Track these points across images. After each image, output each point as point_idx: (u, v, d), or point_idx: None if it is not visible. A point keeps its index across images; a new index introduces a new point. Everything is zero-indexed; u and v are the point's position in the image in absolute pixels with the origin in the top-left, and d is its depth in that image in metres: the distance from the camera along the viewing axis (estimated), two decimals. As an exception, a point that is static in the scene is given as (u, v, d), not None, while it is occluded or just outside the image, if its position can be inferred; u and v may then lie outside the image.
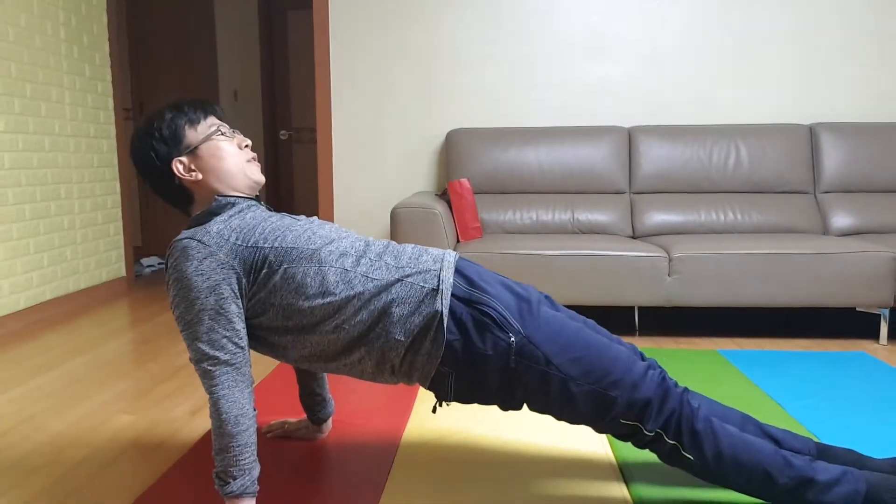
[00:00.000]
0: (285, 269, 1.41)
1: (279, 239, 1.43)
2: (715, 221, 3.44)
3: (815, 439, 1.83)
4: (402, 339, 1.40)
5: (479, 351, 1.38)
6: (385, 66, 3.89)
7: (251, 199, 1.56)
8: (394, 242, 1.54)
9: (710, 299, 2.95)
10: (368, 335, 1.41)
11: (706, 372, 2.47)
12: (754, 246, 2.93)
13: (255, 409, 1.41)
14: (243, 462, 1.37)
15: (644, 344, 2.94)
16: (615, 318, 3.36)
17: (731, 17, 3.70)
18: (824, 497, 1.34)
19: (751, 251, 2.91)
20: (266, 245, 1.42)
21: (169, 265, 1.41)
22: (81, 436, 1.98)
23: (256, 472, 1.40)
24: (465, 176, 3.60)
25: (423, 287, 1.41)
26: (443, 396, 1.46)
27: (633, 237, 3.48)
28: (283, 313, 1.42)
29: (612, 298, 2.98)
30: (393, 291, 1.41)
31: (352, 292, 1.40)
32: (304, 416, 1.94)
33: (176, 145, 1.50)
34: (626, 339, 2.98)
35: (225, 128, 1.55)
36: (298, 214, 1.61)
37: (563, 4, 3.77)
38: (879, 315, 2.96)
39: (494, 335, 1.38)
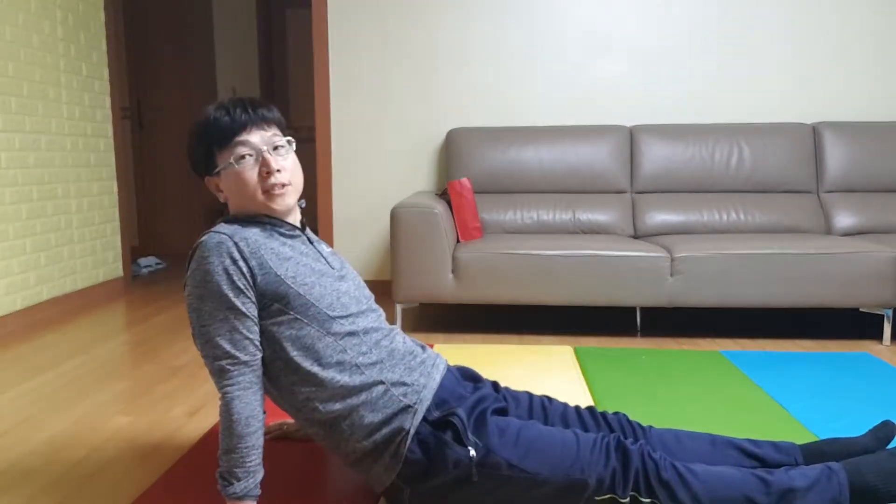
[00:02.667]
0: (296, 318, 1.40)
1: (306, 287, 1.41)
2: (717, 221, 3.42)
3: (816, 438, 1.82)
4: (364, 444, 1.41)
5: (440, 469, 1.37)
6: (384, 65, 3.87)
7: (295, 227, 1.52)
8: (399, 335, 1.55)
9: (712, 300, 2.93)
10: (332, 427, 1.42)
11: (708, 373, 2.46)
12: (757, 246, 2.92)
13: (264, 412, 1.41)
14: (249, 464, 1.36)
15: (646, 345, 2.92)
16: (617, 319, 3.34)
17: (733, 15, 3.69)
18: (811, 500, 1.33)
19: (753, 251, 2.89)
20: (292, 286, 1.40)
21: (197, 255, 1.39)
22: (79, 437, 1.96)
23: (260, 475, 1.39)
24: (466, 175, 3.58)
25: (400, 401, 1.41)
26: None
27: (635, 237, 3.47)
28: (271, 351, 1.42)
29: (614, 299, 2.96)
30: (373, 392, 1.41)
31: (337, 377, 1.40)
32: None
33: (206, 164, 1.49)
34: (627, 340, 2.99)
35: (255, 151, 1.44)
36: (322, 241, 1.59)
37: (563, 3, 3.75)
38: (883, 315, 2.95)
39: (455, 451, 1.36)
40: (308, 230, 1.58)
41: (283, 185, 1.46)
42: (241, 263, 1.37)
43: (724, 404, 2.14)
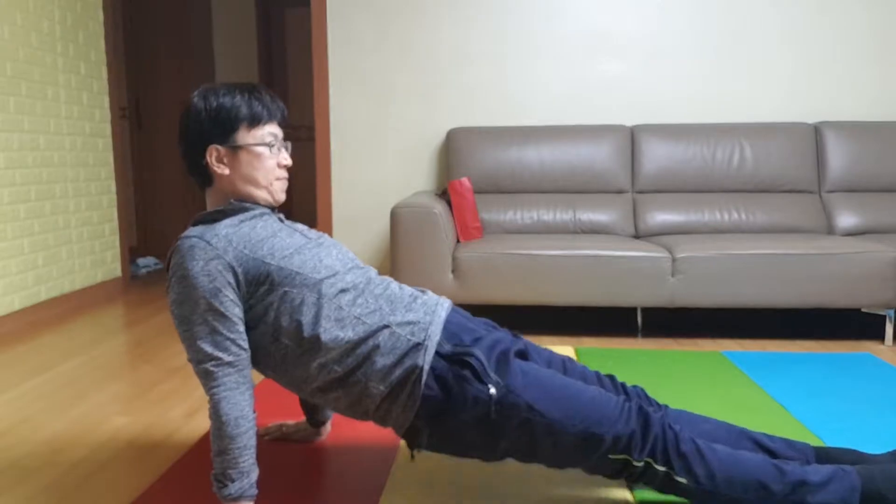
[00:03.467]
0: (285, 291, 1.40)
1: (286, 259, 1.42)
2: (718, 221, 3.41)
3: (821, 442, 1.81)
4: (381, 388, 1.40)
5: (459, 406, 1.37)
6: (384, 65, 3.86)
7: (265, 208, 1.54)
8: (394, 283, 1.54)
9: (713, 300, 2.92)
10: (348, 380, 1.41)
11: (709, 374, 2.45)
12: (758, 246, 2.91)
13: (254, 412, 1.40)
14: (242, 464, 1.36)
15: (647, 345, 2.91)
16: (618, 319, 3.33)
17: (735, 14, 3.68)
18: (821, 497, 1.33)
19: (755, 251, 2.89)
20: (272, 262, 1.40)
21: (173, 262, 1.40)
22: (77, 437, 1.95)
23: (255, 475, 1.38)
24: (466, 175, 3.57)
25: (409, 340, 1.40)
26: (415, 446, 1.45)
27: (636, 237, 3.46)
28: (272, 333, 1.42)
29: (615, 299, 2.95)
30: (379, 338, 1.40)
31: (341, 334, 1.39)
32: (303, 418, 1.92)
33: (223, 133, 1.48)
34: (628, 341, 2.98)
35: (277, 140, 1.52)
36: (297, 223, 1.59)
37: (564, 2, 3.74)
38: (885, 316, 2.94)
39: (474, 388, 1.36)
40: (278, 213, 1.60)
41: (286, 179, 1.57)
42: (216, 262, 1.37)
43: (726, 405, 2.13)
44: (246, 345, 1.40)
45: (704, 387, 2.30)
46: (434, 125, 3.88)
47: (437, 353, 1.40)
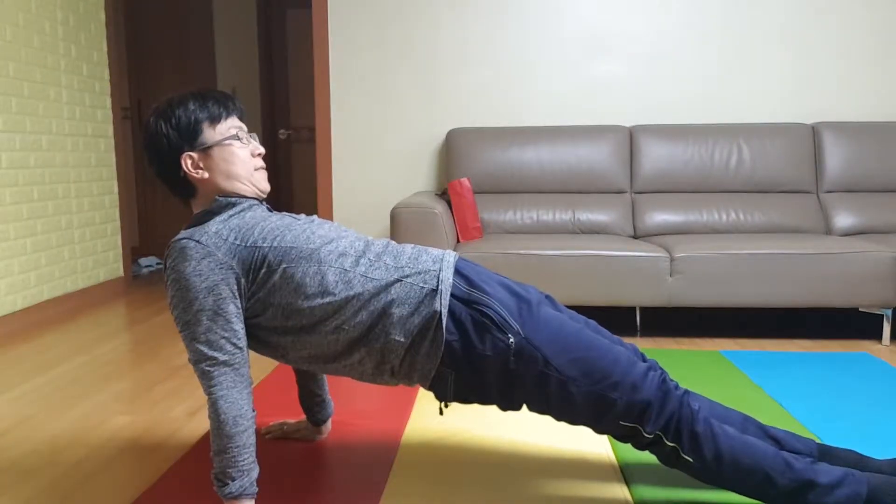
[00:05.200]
0: (284, 268, 1.40)
1: (278, 238, 1.42)
2: (717, 221, 3.43)
3: (818, 440, 1.82)
4: (402, 339, 1.39)
5: (478, 351, 1.38)
6: (385, 66, 3.88)
7: (252, 199, 1.54)
8: (393, 242, 1.54)
9: (711, 299, 2.93)
10: (368, 336, 1.41)
11: (708, 373, 2.46)
12: (756, 246, 2.92)
13: (253, 410, 1.41)
14: (242, 463, 1.36)
15: (645, 344, 2.93)
16: (616, 319, 3.34)
17: (733, 15, 3.69)
18: (825, 499, 1.33)
19: (753, 251, 2.90)
20: (265, 244, 1.41)
21: (167, 265, 1.41)
22: (79, 436, 1.96)
23: (255, 473, 1.39)
24: (466, 175, 3.59)
25: (422, 287, 1.41)
26: (442, 396, 1.46)
27: (635, 237, 3.47)
28: (282, 313, 1.42)
29: (614, 299, 2.97)
30: (392, 292, 1.40)
31: (351, 292, 1.40)
32: (304, 417, 1.93)
33: (190, 139, 1.48)
34: (627, 340, 2.98)
35: (243, 133, 1.54)
36: (298, 214, 1.59)
37: (563, 3, 3.76)
38: (882, 315, 2.95)
39: (493, 336, 1.37)
40: (265, 204, 1.61)
41: (265, 168, 1.58)
42: (207, 261, 1.37)
43: (724, 404, 2.14)
44: (242, 343, 1.40)
45: (703, 386, 2.31)
46: (434, 125, 3.89)
47: (453, 295, 1.40)
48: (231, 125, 1.52)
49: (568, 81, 3.80)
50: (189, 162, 1.49)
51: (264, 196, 1.58)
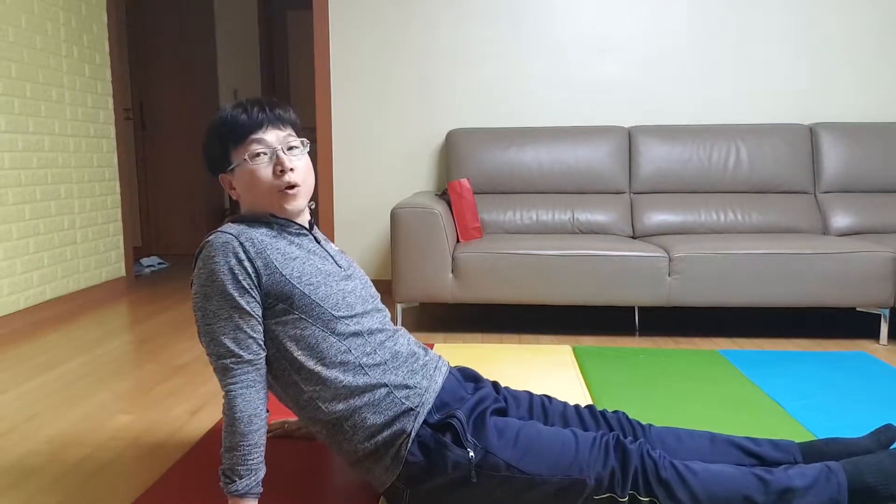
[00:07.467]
0: (300, 317, 1.42)
1: (311, 287, 1.43)
2: (715, 221, 3.44)
3: (796, 441, 1.83)
4: (366, 445, 1.42)
5: (440, 471, 1.39)
6: (385, 66, 3.89)
7: (303, 227, 1.53)
8: (402, 335, 1.55)
9: (710, 299, 2.95)
10: (335, 428, 1.43)
11: (706, 372, 2.47)
12: (754, 246, 2.93)
13: (267, 411, 1.42)
14: (251, 462, 1.37)
15: (644, 344, 2.94)
16: (615, 319, 3.36)
17: (731, 16, 3.70)
18: (808, 500, 1.34)
19: (751, 251, 2.91)
20: (298, 286, 1.41)
21: (203, 254, 1.41)
22: (81, 436, 1.97)
23: (262, 473, 1.39)
24: (465, 176, 3.60)
25: (402, 403, 1.42)
26: None
27: (633, 237, 3.48)
28: (275, 350, 1.44)
29: (612, 298, 2.98)
30: (376, 394, 1.42)
31: (341, 377, 1.41)
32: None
33: (222, 160, 1.49)
34: (625, 340, 3.00)
35: (268, 150, 1.45)
36: (330, 242, 1.60)
37: (563, 4, 3.77)
38: (879, 315, 2.96)
39: (454, 453, 1.38)
40: (316, 230, 1.60)
41: (295, 186, 1.47)
42: (247, 263, 1.38)
43: (722, 403, 2.16)
44: (264, 345, 1.42)
45: (701, 385, 2.32)
46: (434, 126, 3.91)
47: (424, 421, 1.42)
48: (256, 143, 1.45)
49: (567, 82, 3.82)
50: (226, 183, 1.52)
51: (297, 215, 1.51)
